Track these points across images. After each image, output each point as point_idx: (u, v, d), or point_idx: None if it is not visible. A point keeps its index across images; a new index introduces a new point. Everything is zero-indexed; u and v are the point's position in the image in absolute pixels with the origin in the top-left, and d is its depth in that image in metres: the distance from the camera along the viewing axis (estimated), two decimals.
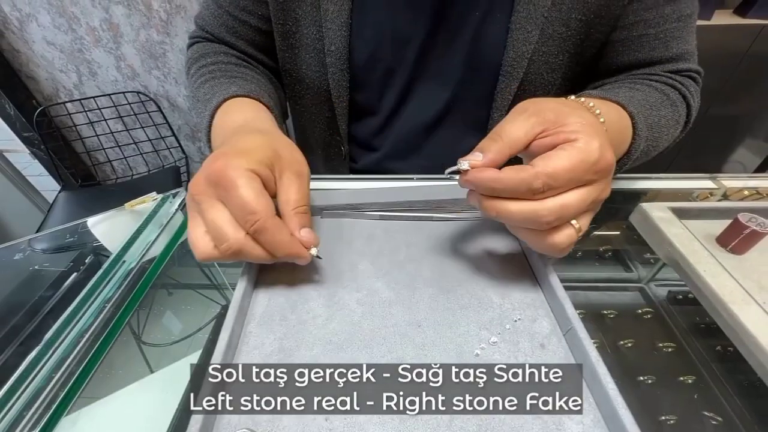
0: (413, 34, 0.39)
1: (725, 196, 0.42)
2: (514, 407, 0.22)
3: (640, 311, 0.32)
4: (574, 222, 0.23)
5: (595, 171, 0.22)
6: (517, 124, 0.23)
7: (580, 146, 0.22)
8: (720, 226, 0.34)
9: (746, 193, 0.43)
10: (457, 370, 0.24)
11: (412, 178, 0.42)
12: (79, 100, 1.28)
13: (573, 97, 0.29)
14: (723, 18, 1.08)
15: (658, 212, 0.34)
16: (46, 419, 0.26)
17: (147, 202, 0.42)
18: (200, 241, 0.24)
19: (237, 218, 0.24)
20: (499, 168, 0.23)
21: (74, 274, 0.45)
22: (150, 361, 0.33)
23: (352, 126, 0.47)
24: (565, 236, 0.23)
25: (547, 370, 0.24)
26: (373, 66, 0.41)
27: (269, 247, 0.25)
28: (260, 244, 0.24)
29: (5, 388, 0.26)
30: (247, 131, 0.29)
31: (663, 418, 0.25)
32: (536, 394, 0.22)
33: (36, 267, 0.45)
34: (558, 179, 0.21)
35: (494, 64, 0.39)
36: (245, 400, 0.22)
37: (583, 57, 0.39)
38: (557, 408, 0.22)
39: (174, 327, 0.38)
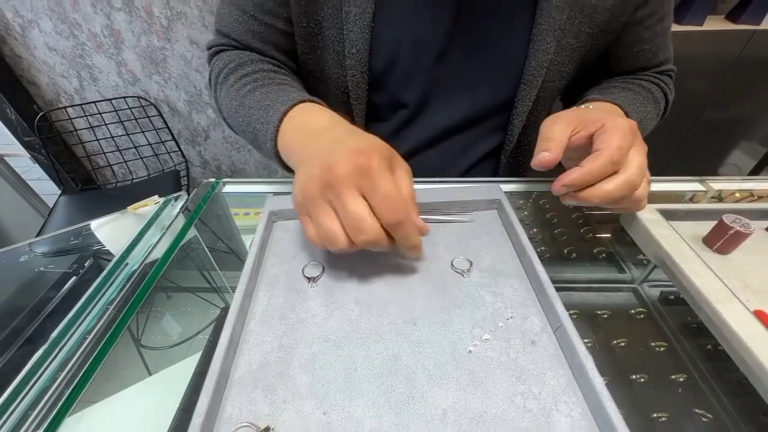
0: (433, 41, 0.40)
1: (720, 199, 0.43)
2: (506, 401, 0.23)
3: (633, 311, 0.33)
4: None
5: (633, 134, 0.29)
6: (557, 128, 0.30)
7: (612, 125, 0.29)
8: (707, 227, 0.35)
9: (738, 195, 0.44)
10: (450, 365, 0.25)
11: (414, 181, 0.43)
12: (80, 105, 1.29)
13: (575, 107, 0.37)
14: (715, 24, 1.10)
15: (646, 214, 0.35)
16: (51, 418, 0.26)
17: (149, 205, 0.43)
18: (339, 234, 0.25)
19: (380, 210, 0.25)
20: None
21: (73, 278, 0.46)
22: (150, 363, 0.34)
23: (370, 126, 0.48)
24: (644, 189, 0.30)
25: (537, 365, 0.25)
26: (392, 69, 0.42)
27: (402, 238, 0.26)
28: (394, 235, 0.26)
29: (12, 386, 0.27)
30: (352, 129, 0.30)
31: (655, 415, 0.26)
32: (526, 388, 0.23)
33: (40, 269, 0.46)
34: (623, 148, 0.27)
35: (515, 72, 0.41)
36: (246, 396, 0.23)
37: (584, 66, 0.44)
38: (546, 401, 0.23)
39: (174, 329, 0.38)
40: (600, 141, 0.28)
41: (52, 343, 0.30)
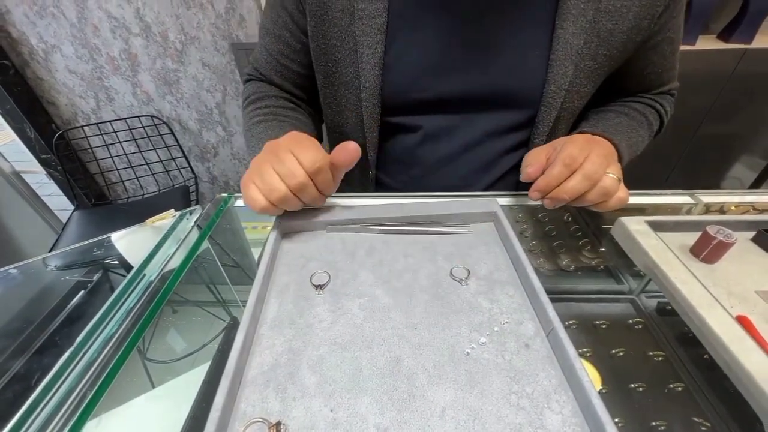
0: (444, 70, 0.43)
1: (723, 211, 0.45)
2: (501, 399, 0.24)
3: (630, 321, 0.34)
4: (610, 174, 0.34)
5: (588, 143, 0.36)
6: (534, 154, 0.39)
7: (567, 140, 0.37)
8: (695, 238, 0.36)
9: (733, 208, 0.45)
10: (449, 366, 0.26)
11: (415, 195, 0.46)
12: (96, 123, 1.35)
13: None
14: (707, 43, 1.13)
15: (635, 225, 0.37)
16: (75, 419, 0.28)
17: (167, 218, 0.45)
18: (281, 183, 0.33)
19: (284, 177, 0.33)
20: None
21: (81, 292, 0.48)
22: (157, 374, 0.35)
23: (386, 145, 0.51)
24: (610, 182, 0.33)
25: (530, 366, 0.26)
26: (403, 99, 0.45)
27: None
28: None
29: (39, 387, 0.29)
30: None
31: (654, 423, 0.27)
32: (520, 388, 0.25)
33: (64, 278, 0.49)
34: (573, 154, 0.34)
35: (534, 96, 0.43)
36: (258, 394, 0.25)
37: (600, 85, 0.46)
38: (539, 400, 0.24)
39: (179, 341, 0.40)
40: (557, 153, 0.36)
41: (77, 347, 0.32)
